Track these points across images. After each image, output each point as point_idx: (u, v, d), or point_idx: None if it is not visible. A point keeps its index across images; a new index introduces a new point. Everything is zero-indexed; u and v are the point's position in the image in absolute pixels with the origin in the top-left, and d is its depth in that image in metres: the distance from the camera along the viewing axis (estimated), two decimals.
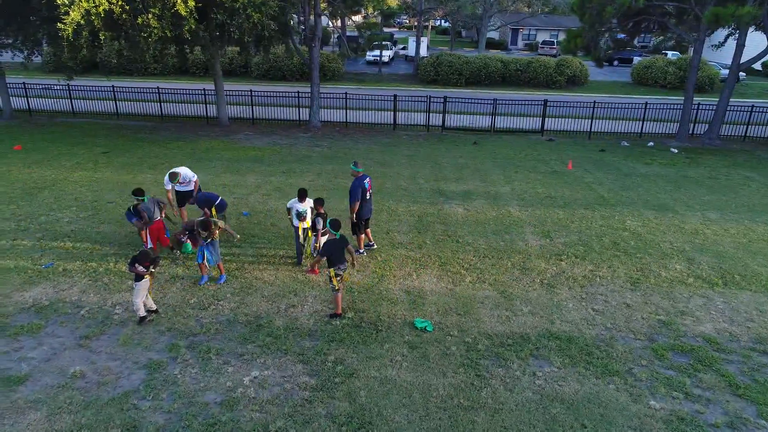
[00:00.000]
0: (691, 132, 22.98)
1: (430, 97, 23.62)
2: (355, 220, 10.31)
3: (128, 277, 9.57)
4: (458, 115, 24.54)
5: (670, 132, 23.56)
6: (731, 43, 23.00)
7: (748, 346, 8.09)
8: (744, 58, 21.56)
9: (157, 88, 24.13)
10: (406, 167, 17.54)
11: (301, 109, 23.90)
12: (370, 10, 29.30)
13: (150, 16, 15.80)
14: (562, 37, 70.71)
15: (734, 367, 7.59)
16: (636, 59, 52.26)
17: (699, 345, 8.08)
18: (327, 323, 8.39)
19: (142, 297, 8.20)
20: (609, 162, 19.04)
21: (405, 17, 79.63)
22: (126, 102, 24.61)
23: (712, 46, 26.22)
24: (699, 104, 22.96)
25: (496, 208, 13.81)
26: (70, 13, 14.64)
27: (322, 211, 9.90)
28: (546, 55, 54.22)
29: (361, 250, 10.74)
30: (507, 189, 15.48)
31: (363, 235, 10.71)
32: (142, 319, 8.29)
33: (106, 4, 15.01)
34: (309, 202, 10.03)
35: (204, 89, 24.09)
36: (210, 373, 7.21)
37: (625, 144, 21.95)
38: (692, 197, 15.26)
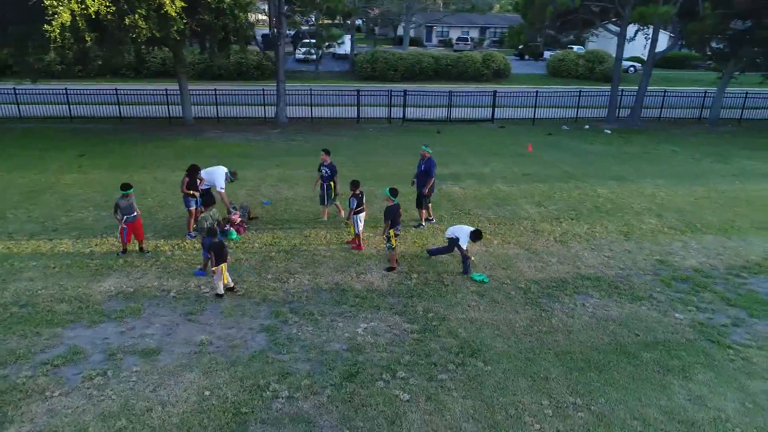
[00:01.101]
0: (616, 116, 26.32)
1: (392, 91, 25.13)
2: (427, 194, 11.80)
3: (194, 261, 10.25)
4: (415, 108, 26.24)
5: (599, 116, 26.79)
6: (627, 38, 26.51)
7: (725, 273, 10.41)
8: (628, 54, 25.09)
9: (116, 89, 23.64)
10: (389, 155, 18.93)
11: (266, 106, 24.46)
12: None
13: (137, 16, 15.95)
14: (473, 33, 75.23)
15: (721, 287, 9.83)
16: (546, 54, 57.10)
17: (691, 275, 10.28)
18: (400, 283, 9.67)
19: (219, 277, 9.02)
20: (559, 144, 21.59)
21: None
22: (80, 105, 23.85)
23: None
24: (622, 91, 26.33)
25: (486, 186, 15.61)
26: (61, 14, 14.48)
27: (357, 192, 11.05)
28: (462, 50, 56.81)
29: (423, 224, 12.14)
30: (488, 170, 17.37)
31: (424, 210, 12.15)
32: (219, 296, 9.09)
33: (96, 5, 15.01)
34: None
35: (166, 89, 23.93)
36: (324, 329, 8.27)
37: (565, 128, 24.78)
38: (637, 169, 18.00)
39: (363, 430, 6.26)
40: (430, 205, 12.45)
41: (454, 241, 10.03)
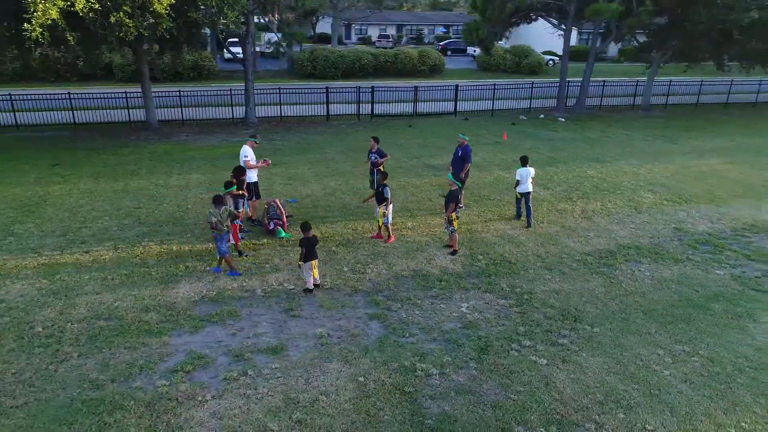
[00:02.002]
0: (564, 105, 28.41)
1: (360, 87, 25.40)
2: (463, 179, 12.37)
3: (261, 259, 10.16)
4: (382, 104, 26.67)
5: (547, 106, 28.76)
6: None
7: (733, 234, 11.98)
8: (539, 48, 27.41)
9: (68, 93, 21.93)
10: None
11: (234, 107, 23.81)
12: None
13: (122, 14, 15.10)
14: (391, 31, 76.79)
15: (737, 246, 11.35)
16: (469, 50, 59.64)
17: (708, 238, 11.73)
18: (471, 265, 10.21)
19: (309, 273, 9.12)
20: (526, 132, 23.04)
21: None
22: (26, 112, 21.88)
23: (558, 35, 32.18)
24: (568, 82, 28.46)
25: (487, 173, 16.51)
26: (49, 11, 13.37)
27: (385, 183, 11.32)
28: (384, 47, 57.23)
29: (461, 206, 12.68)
30: (479, 158, 18.27)
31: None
32: (309, 291, 9.18)
33: (83, 2, 14.04)
34: None
35: (126, 92, 22.54)
36: (430, 312, 8.63)
37: (524, 118, 26.40)
38: (607, 151, 19.75)
39: (525, 393, 6.77)
40: (462, 191, 13.06)
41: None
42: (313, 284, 9.22)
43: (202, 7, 16.34)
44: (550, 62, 52.42)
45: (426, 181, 15.58)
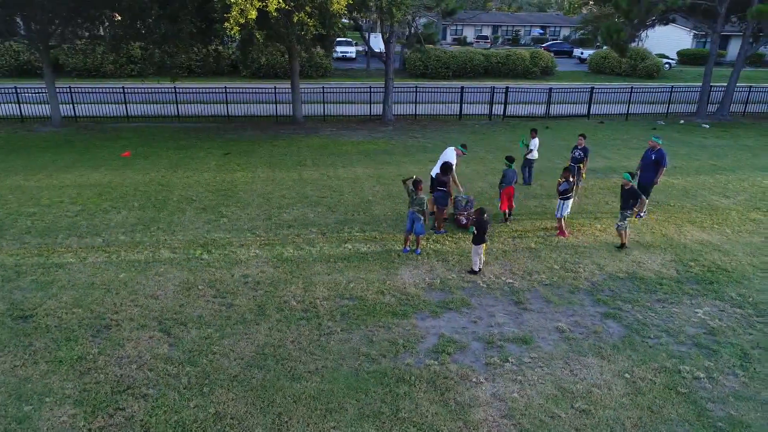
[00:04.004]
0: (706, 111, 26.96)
1: (494, 88, 25.42)
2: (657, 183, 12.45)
3: (466, 251, 10.45)
4: (514, 105, 26.51)
5: (686, 111, 27.37)
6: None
7: None
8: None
9: (225, 88, 23.54)
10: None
11: (372, 104, 24.55)
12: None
13: (303, 13, 15.98)
14: (486, 32, 76.00)
15: None
16: (576, 52, 57.97)
17: None
18: (686, 271, 9.97)
19: (478, 254, 9.66)
20: (672, 137, 22.07)
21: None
22: (186, 104, 23.73)
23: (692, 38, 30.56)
24: (711, 87, 26.98)
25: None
26: (249, 12, 14.43)
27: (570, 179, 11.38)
28: (482, 48, 56.28)
29: (642, 214, 12.51)
30: (633, 163, 17.72)
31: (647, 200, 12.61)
32: (474, 272, 9.69)
33: (276, 2, 14.99)
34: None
35: (275, 87, 23.89)
36: (665, 315, 8.52)
37: (662, 123, 25.32)
38: None
39: None
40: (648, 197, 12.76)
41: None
42: (479, 267, 9.71)
43: (373, 8, 16.96)
44: (667, 65, 49.86)
45: (592, 184, 15.34)
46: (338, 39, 48.08)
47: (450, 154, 12.16)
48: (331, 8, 15.97)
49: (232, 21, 14.97)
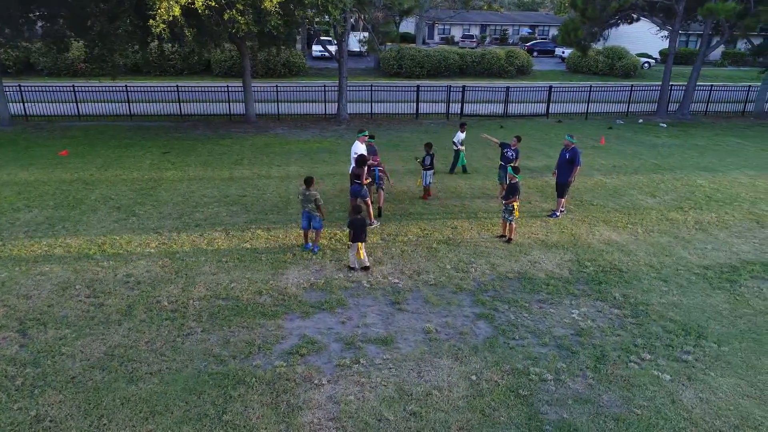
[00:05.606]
0: (666, 110, 26.82)
1: (450, 87, 25.29)
2: (571, 182, 12.28)
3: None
4: (471, 104, 26.36)
5: (647, 110, 27.26)
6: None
7: None
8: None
9: (177, 86, 23.41)
10: (471, 151, 19.10)
11: (327, 103, 24.43)
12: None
13: (234, 11, 15.85)
14: (474, 31, 75.95)
15: None
16: (557, 51, 57.79)
17: None
18: (579, 271, 9.85)
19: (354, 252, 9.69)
20: (626, 137, 21.96)
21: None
22: (138, 103, 23.60)
23: (662, 37, 30.44)
24: (671, 86, 26.86)
25: (588, 178, 15.83)
26: (173, 8, 14.31)
27: (432, 152, 13.24)
28: (467, 47, 56.40)
29: (557, 213, 12.43)
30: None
31: (563, 200, 12.41)
32: (353, 269, 9.73)
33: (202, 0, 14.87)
34: None
35: (227, 86, 23.76)
36: (539, 316, 8.40)
37: (620, 122, 25.19)
38: (718, 160, 18.42)
39: (649, 409, 6.42)
40: (567, 195, 12.66)
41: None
42: (361, 266, 9.70)
43: (308, 5, 16.82)
44: (646, 65, 49.73)
45: (523, 183, 15.19)
46: (323, 38, 48.12)
47: (359, 147, 12.03)
48: (263, 5, 15.83)
49: (158, 18, 14.85)
